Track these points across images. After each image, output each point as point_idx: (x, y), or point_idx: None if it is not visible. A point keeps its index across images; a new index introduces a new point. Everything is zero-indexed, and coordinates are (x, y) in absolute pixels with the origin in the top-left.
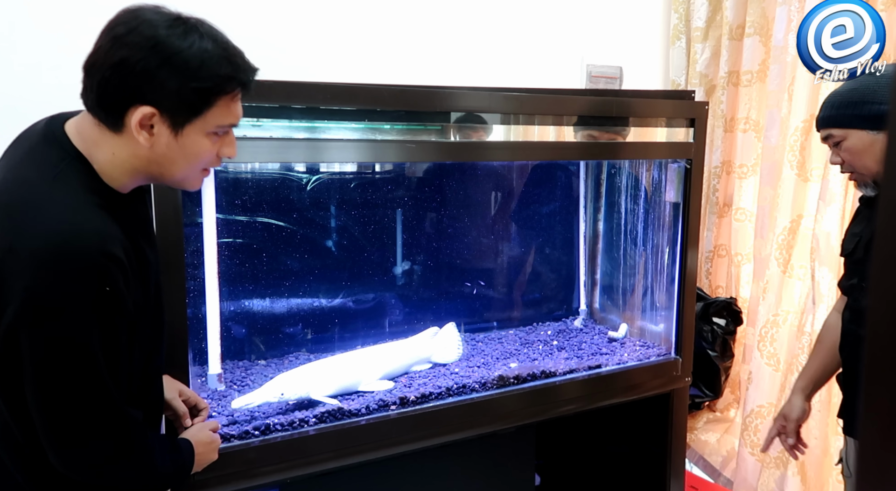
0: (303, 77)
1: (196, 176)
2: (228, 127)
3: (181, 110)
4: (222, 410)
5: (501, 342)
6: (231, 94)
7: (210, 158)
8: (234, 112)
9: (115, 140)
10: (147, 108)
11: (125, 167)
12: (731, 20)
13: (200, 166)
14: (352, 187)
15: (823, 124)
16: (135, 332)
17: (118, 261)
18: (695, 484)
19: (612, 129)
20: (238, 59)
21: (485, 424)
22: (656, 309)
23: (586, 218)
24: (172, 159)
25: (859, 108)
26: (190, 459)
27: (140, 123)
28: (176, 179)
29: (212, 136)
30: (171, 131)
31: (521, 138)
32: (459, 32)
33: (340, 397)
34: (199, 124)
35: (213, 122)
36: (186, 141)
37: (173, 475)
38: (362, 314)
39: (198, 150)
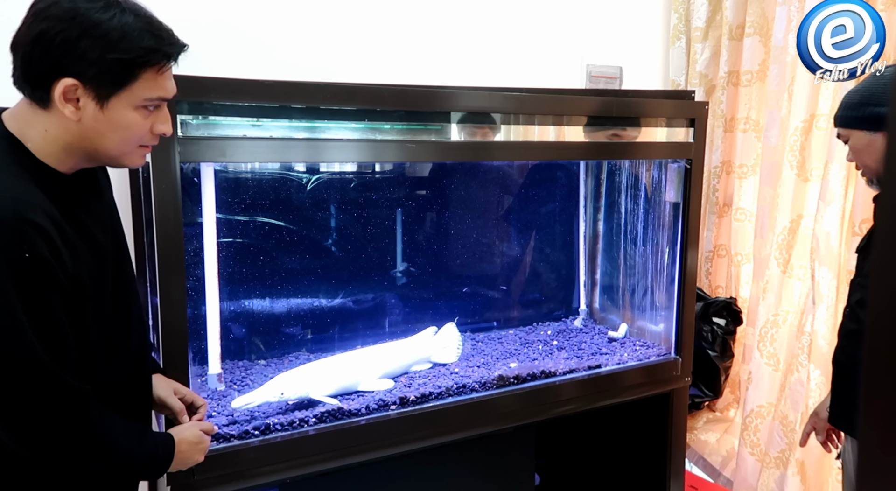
0: (303, 77)
1: (132, 151)
2: (158, 101)
3: (104, 82)
4: (222, 410)
5: (501, 342)
6: (156, 67)
7: (142, 133)
8: (163, 86)
9: (46, 117)
10: (69, 80)
11: (59, 144)
12: (731, 20)
13: (134, 141)
14: (352, 187)
15: (835, 123)
16: (82, 310)
17: (38, 227)
18: (694, 484)
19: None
20: (162, 32)
21: (485, 424)
22: (656, 309)
23: (586, 218)
24: (102, 133)
25: (859, 109)
26: (165, 452)
27: (64, 96)
28: (111, 155)
29: (141, 109)
30: (96, 104)
31: (522, 138)
32: (459, 32)
33: (340, 397)
34: (125, 97)
35: (140, 95)
36: (113, 114)
37: (143, 464)
38: (362, 314)
39: (126, 123)
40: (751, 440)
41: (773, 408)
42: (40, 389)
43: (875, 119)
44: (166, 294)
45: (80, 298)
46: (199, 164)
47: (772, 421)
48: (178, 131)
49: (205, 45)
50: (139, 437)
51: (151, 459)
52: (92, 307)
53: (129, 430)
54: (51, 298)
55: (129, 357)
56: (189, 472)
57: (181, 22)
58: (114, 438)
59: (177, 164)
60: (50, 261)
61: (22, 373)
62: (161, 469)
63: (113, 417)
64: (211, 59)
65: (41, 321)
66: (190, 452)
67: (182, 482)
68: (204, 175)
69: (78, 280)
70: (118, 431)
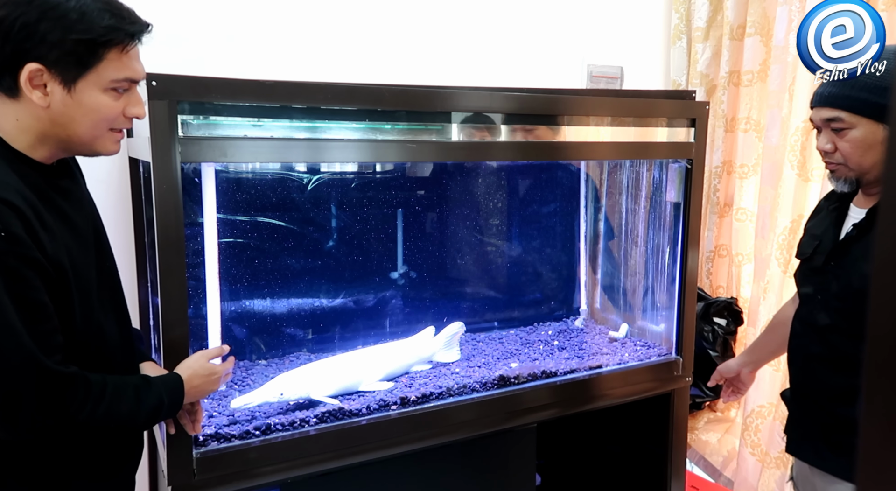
0: (303, 77)
1: (105, 136)
2: (126, 82)
3: (69, 65)
4: (223, 410)
5: (502, 342)
6: (120, 47)
7: (114, 116)
8: (129, 66)
9: (16, 106)
10: (33, 64)
11: (32, 132)
12: (732, 20)
13: (105, 124)
14: (352, 187)
15: (830, 102)
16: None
17: (11, 205)
18: (695, 484)
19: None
20: (122, 11)
21: (485, 424)
22: (657, 309)
23: (587, 218)
24: (72, 117)
25: (884, 94)
26: (173, 396)
27: (31, 82)
28: (83, 140)
29: (110, 92)
30: (63, 88)
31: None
32: (460, 32)
33: (341, 397)
34: (92, 79)
35: (107, 76)
36: (82, 97)
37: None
38: (363, 314)
39: (96, 105)
40: (751, 440)
41: (774, 408)
42: (23, 376)
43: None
44: (167, 294)
45: (64, 283)
46: (199, 164)
47: (772, 421)
48: (178, 131)
49: (205, 45)
50: (138, 393)
51: (157, 408)
52: (78, 295)
53: (124, 391)
54: (29, 277)
55: (114, 347)
56: (190, 472)
57: (182, 22)
58: (108, 410)
59: (178, 164)
60: (26, 239)
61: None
62: (173, 410)
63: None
64: (212, 59)
65: (21, 301)
66: (204, 384)
67: (183, 482)
68: (205, 175)
69: (59, 265)
70: (112, 399)
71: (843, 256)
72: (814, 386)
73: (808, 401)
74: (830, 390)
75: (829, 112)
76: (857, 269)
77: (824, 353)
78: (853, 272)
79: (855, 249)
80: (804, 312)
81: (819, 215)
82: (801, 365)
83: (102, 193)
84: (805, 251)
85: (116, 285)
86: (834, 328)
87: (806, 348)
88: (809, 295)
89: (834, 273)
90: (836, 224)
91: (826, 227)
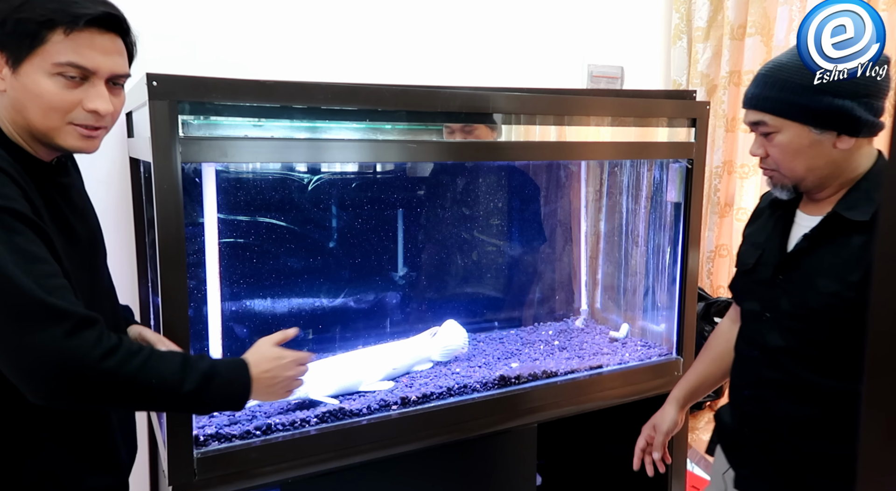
0: (304, 77)
1: (63, 129)
2: (71, 68)
3: (12, 45)
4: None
5: (503, 342)
6: (63, 29)
7: (63, 106)
8: (75, 51)
9: None
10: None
11: (6, 120)
12: (733, 20)
13: (56, 115)
14: (353, 187)
15: (753, 104)
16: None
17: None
18: (696, 484)
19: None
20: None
21: (486, 424)
22: (657, 309)
23: (587, 218)
24: (23, 102)
25: (808, 96)
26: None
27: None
28: (39, 129)
29: (57, 78)
30: (10, 69)
31: (522, 138)
32: (460, 32)
33: (341, 397)
34: (35, 62)
35: (49, 59)
36: (26, 80)
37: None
38: (363, 314)
39: (39, 90)
40: None
41: None
42: (29, 317)
43: (833, 115)
44: (168, 294)
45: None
46: (200, 164)
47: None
48: (179, 131)
49: (205, 45)
50: (185, 359)
51: (208, 378)
52: None
53: (168, 355)
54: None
55: None
56: (190, 471)
57: (182, 22)
58: (144, 365)
59: (178, 164)
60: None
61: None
62: (236, 392)
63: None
64: (212, 59)
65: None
66: (276, 368)
67: (183, 482)
68: (205, 175)
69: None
70: (151, 357)
71: (794, 269)
72: (770, 416)
73: (762, 433)
74: (791, 421)
75: (753, 115)
76: (813, 285)
77: (781, 378)
78: (808, 289)
79: (807, 263)
80: (751, 330)
81: (759, 221)
82: (753, 392)
83: (103, 193)
84: (747, 262)
85: (110, 291)
86: (788, 351)
87: (756, 373)
88: (756, 312)
89: (784, 288)
90: (781, 233)
91: (769, 235)
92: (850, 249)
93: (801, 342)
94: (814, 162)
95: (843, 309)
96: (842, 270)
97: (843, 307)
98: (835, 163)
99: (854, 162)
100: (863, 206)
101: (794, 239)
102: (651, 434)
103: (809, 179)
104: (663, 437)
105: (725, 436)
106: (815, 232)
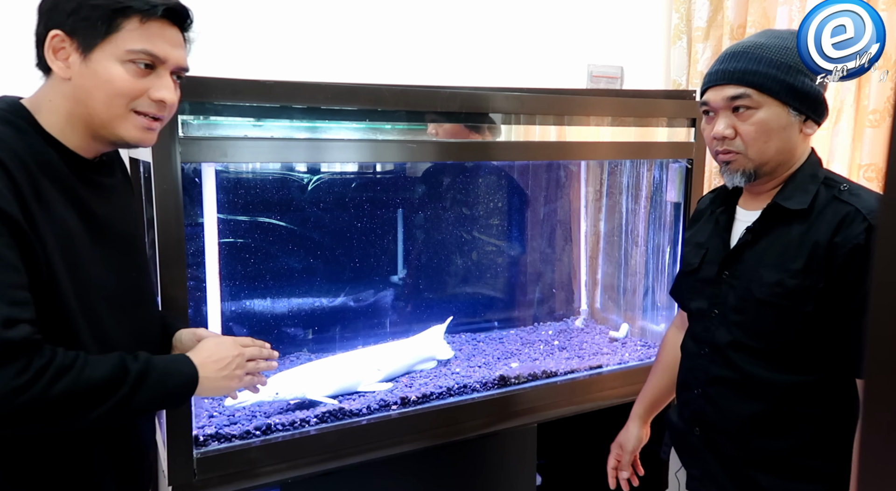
0: (304, 77)
1: (125, 117)
2: (144, 55)
3: (85, 31)
4: (223, 410)
5: (503, 342)
6: (138, 17)
7: (131, 92)
8: (149, 39)
9: (49, 85)
10: (54, 30)
11: (62, 113)
12: (733, 20)
13: (121, 100)
14: (353, 187)
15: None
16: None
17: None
18: None
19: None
20: None
21: (486, 424)
22: (657, 309)
23: (587, 218)
24: (88, 90)
25: (793, 75)
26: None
27: (53, 50)
28: (103, 120)
29: (128, 64)
30: (80, 56)
31: (522, 138)
32: (461, 33)
33: (341, 397)
34: (108, 49)
35: (122, 46)
36: (97, 66)
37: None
38: (363, 314)
39: (109, 76)
40: None
41: None
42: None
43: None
44: (167, 294)
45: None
46: (200, 164)
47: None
48: (179, 131)
49: (205, 45)
50: (123, 360)
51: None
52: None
53: (104, 359)
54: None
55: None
56: (190, 471)
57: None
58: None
59: (178, 164)
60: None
61: None
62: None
63: (76, 355)
64: (212, 59)
65: None
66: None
67: (183, 482)
68: (205, 175)
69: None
70: (85, 365)
71: (738, 263)
72: (718, 414)
73: (711, 431)
74: (739, 418)
75: (734, 89)
76: (756, 276)
77: (729, 375)
78: (752, 281)
79: (750, 256)
80: (699, 328)
81: (698, 223)
82: (702, 390)
83: None
84: (692, 262)
85: (143, 301)
86: (735, 345)
87: (706, 371)
88: (703, 310)
89: (729, 283)
90: (723, 230)
91: (711, 233)
92: (789, 237)
93: (748, 335)
94: (783, 145)
95: (784, 297)
96: (783, 259)
97: (784, 295)
98: (792, 150)
99: (799, 152)
100: (799, 196)
101: (737, 234)
102: (619, 453)
103: (771, 164)
104: (629, 456)
105: (676, 437)
106: (758, 224)
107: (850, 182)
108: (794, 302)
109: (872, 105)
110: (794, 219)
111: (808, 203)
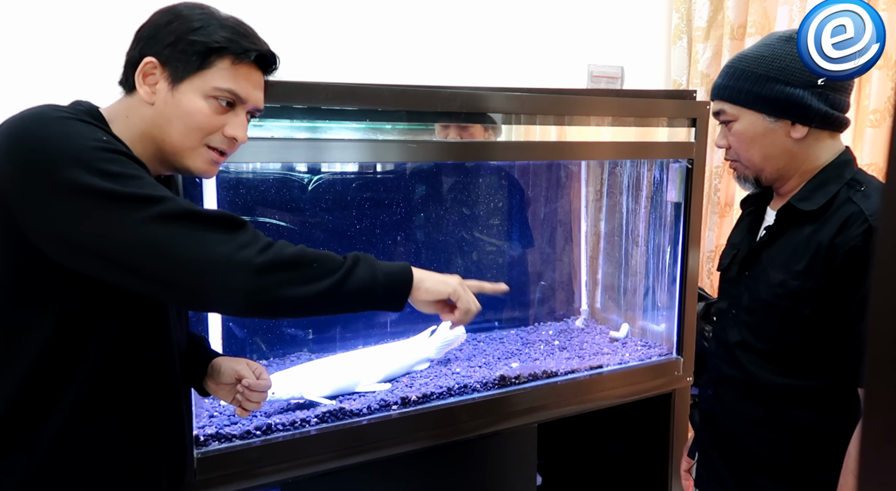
0: (304, 77)
1: (198, 150)
2: (229, 94)
3: (179, 63)
4: (223, 410)
5: (503, 342)
6: (231, 58)
7: (209, 126)
8: (236, 80)
9: (129, 102)
10: (149, 57)
11: (136, 131)
12: (733, 20)
13: (198, 134)
14: (353, 187)
15: (716, 95)
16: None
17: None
18: None
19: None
20: (246, 30)
21: (486, 424)
22: (658, 309)
23: (587, 218)
24: (168, 118)
25: (761, 84)
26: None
27: (143, 74)
28: (176, 148)
29: (211, 100)
30: (168, 85)
31: (523, 138)
32: (461, 33)
33: (341, 398)
34: (196, 83)
35: (211, 83)
36: (182, 97)
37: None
38: (364, 314)
39: (192, 109)
40: None
41: None
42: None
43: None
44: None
45: None
46: None
47: None
48: None
49: None
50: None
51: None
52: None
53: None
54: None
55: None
56: (191, 472)
57: None
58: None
59: None
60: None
61: None
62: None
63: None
64: None
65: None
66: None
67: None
68: None
69: None
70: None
71: (756, 263)
72: (726, 414)
73: (718, 432)
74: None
75: (716, 105)
76: (766, 277)
77: (737, 376)
78: (761, 281)
79: (765, 256)
80: (718, 328)
81: (741, 224)
82: (714, 390)
83: None
84: (723, 262)
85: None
86: (743, 346)
87: (718, 370)
88: (723, 310)
89: (746, 284)
90: (751, 230)
91: (743, 234)
92: (800, 238)
93: (755, 336)
94: (769, 150)
95: (786, 298)
96: (789, 260)
97: (786, 296)
98: (790, 153)
99: (813, 154)
100: (815, 197)
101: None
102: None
103: (768, 170)
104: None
105: (695, 436)
106: (774, 225)
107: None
108: (795, 303)
109: (872, 105)
110: (807, 220)
111: (820, 204)
